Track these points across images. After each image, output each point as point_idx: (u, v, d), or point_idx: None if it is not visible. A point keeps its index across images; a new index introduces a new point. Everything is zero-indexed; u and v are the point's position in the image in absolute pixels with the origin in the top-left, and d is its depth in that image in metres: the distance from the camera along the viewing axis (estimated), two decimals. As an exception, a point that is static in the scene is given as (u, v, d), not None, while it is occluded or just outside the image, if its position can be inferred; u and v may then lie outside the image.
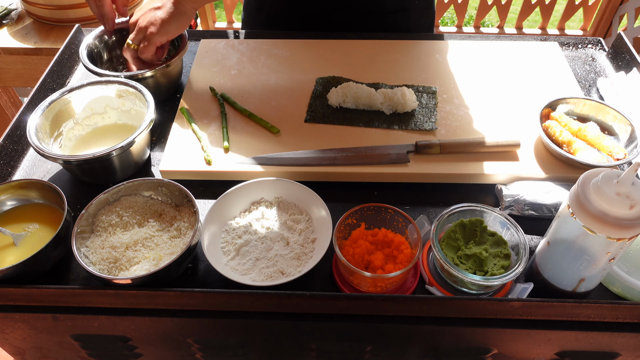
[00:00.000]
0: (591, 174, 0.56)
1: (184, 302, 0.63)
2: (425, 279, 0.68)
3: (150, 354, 0.75)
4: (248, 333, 0.69)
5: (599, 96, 0.94)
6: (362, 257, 0.65)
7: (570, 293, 0.63)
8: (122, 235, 0.69)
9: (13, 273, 0.62)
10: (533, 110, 0.85)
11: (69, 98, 0.82)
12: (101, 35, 0.94)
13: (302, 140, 0.83)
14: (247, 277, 0.65)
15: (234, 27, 2.45)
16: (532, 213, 0.73)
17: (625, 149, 0.78)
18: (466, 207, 0.67)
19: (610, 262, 0.58)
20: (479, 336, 0.66)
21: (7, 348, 0.76)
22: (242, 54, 1.00)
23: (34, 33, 1.54)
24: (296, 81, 0.94)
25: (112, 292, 0.62)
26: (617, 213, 0.52)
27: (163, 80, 0.90)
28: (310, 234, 0.70)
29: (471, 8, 3.02)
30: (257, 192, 0.74)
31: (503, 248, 0.65)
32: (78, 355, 0.77)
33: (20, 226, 0.70)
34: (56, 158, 0.73)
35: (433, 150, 0.79)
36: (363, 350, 0.71)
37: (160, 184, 0.72)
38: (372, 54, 1.00)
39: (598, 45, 1.05)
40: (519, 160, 0.79)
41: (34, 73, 1.56)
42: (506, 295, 0.65)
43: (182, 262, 0.64)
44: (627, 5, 2.14)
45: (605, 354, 0.68)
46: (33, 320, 0.67)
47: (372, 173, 0.78)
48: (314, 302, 0.61)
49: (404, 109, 0.86)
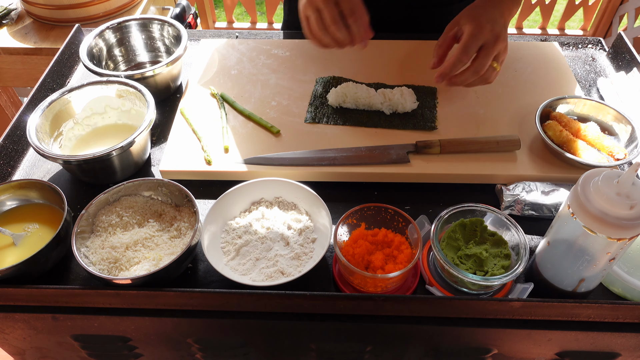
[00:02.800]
0: (591, 174, 0.56)
1: (184, 302, 0.63)
2: (425, 279, 0.68)
3: (150, 354, 0.75)
4: (248, 333, 0.69)
5: (599, 96, 0.94)
6: (362, 257, 0.65)
7: (571, 293, 0.63)
8: (122, 236, 0.69)
9: (13, 273, 0.62)
10: (533, 110, 0.85)
11: (69, 98, 0.82)
12: (101, 35, 0.94)
13: (302, 140, 0.83)
14: (247, 277, 0.65)
15: (234, 27, 2.45)
16: (532, 213, 0.73)
17: (626, 149, 0.78)
18: (466, 207, 0.67)
19: (611, 262, 0.58)
20: (479, 336, 0.66)
21: (7, 348, 0.76)
22: (242, 54, 1.00)
23: (34, 33, 1.54)
24: (296, 81, 0.94)
25: (112, 292, 0.62)
26: (617, 213, 0.52)
27: (163, 80, 0.90)
28: (310, 234, 0.70)
29: (471, 8, 3.01)
30: (257, 192, 0.74)
31: (503, 248, 0.65)
32: (78, 355, 0.77)
33: (20, 226, 0.70)
34: (56, 158, 0.73)
35: (433, 150, 0.79)
36: (363, 350, 0.71)
37: (160, 184, 0.72)
38: (372, 54, 1.00)
39: (598, 45, 1.05)
40: (519, 161, 0.79)
41: (34, 73, 1.56)
42: (506, 295, 0.65)
43: (182, 262, 0.64)
44: (627, 5, 2.14)
45: (605, 354, 0.68)
46: (33, 320, 0.67)
47: (372, 173, 0.78)
48: (314, 302, 0.61)
49: (404, 109, 0.86)
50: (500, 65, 0.81)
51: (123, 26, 0.96)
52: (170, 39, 0.98)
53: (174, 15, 1.84)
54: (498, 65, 0.80)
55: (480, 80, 0.80)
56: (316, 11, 0.78)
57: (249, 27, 2.42)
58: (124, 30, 0.97)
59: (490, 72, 0.80)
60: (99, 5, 1.53)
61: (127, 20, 0.97)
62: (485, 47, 0.77)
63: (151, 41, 1.00)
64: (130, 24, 0.97)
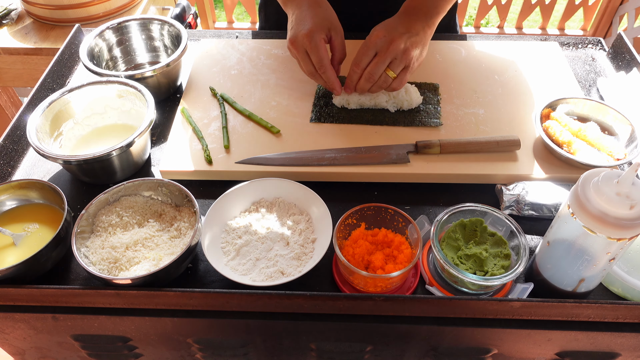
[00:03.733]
0: (591, 174, 0.56)
1: (184, 302, 0.63)
2: (425, 279, 0.68)
3: (150, 354, 0.75)
4: (248, 333, 0.69)
5: (599, 96, 0.94)
6: (362, 257, 0.65)
7: (570, 293, 0.63)
8: (122, 236, 0.69)
9: (13, 273, 0.62)
10: (533, 110, 0.85)
11: (69, 98, 0.82)
12: (101, 35, 0.94)
13: (302, 140, 0.83)
14: (247, 277, 0.65)
15: (234, 27, 2.45)
16: (532, 213, 0.73)
17: (625, 149, 0.78)
18: (466, 207, 0.67)
19: (611, 262, 0.58)
20: (479, 336, 0.66)
21: (7, 348, 0.76)
22: (242, 54, 1.00)
23: (34, 33, 1.54)
24: (296, 81, 0.94)
25: (112, 292, 0.62)
26: (617, 213, 0.52)
27: (163, 80, 0.90)
28: (310, 234, 0.70)
29: (471, 8, 3.02)
30: (257, 192, 0.74)
31: (503, 248, 0.65)
32: (78, 355, 0.77)
33: (20, 226, 0.70)
34: (56, 158, 0.73)
35: (433, 150, 0.79)
36: (363, 350, 0.71)
37: (160, 184, 0.72)
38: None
39: (598, 45, 1.05)
40: (519, 160, 0.79)
41: (34, 73, 1.56)
42: (506, 295, 0.65)
43: (182, 262, 0.64)
44: (627, 5, 2.14)
45: (605, 354, 0.68)
46: (33, 320, 0.67)
47: (372, 173, 0.78)
48: (314, 302, 0.61)
49: (410, 106, 0.86)
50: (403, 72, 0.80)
51: (123, 26, 0.96)
52: (170, 39, 0.98)
53: (174, 15, 1.84)
54: (392, 73, 0.80)
55: (378, 87, 0.82)
56: (297, 60, 0.84)
57: (249, 27, 2.42)
58: (124, 31, 0.97)
59: (385, 79, 0.80)
60: (99, 5, 1.53)
61: (127, 20, 0.97)
62: (378, 55, 0.79)
63: (151, 41, 1.00)
64: (130, 24, 0.97)
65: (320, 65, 0.81)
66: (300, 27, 0.81)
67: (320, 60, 0.80)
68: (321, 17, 0.82)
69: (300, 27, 0.81)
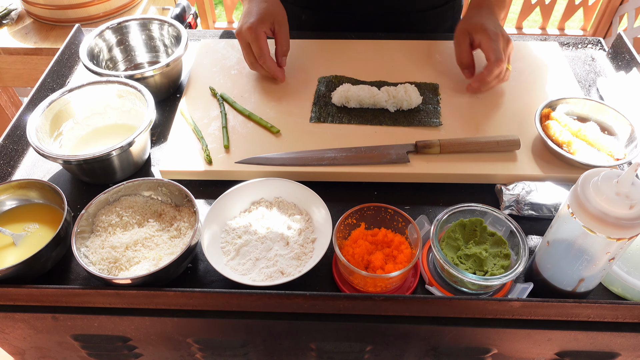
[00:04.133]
0: (591, 174, 0.56)
1: (184, 302, 0.63)
2: (425, 279, 0.68)
3: (150, 354, 0.75)
4: (248, 333, 0.69)
5: (599, 96, 0.94)
6: (362, 257, 0.65)
7: (570, 293, 0.63)
8: (122, 235, 0.69)
9: (13, 273, 0.62)
10: (533, 110, 0.85)
11: (69, 98, 0.82)
12: (101, 35, 0.94)
13: (302, 140, 0.83)
14: (247, 277, 0.65)
15: (234, 27, 2.45)
16: (532, 213, 0.73)
17: (625, 148, 0.78)
18: (466, 207, 0.67)
19: (610, 262, 0.58)
20: (479, 336, 0.66)
21: (7, 348, 0.76)
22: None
23: (34, 33, 1.54)
24: (296, 81, 0.94)
25: (112, 292, 0.62)
26: (617, 213, 0.52)
27: (163, 80, 0.90)
28: (310, 234, 0.70)
29: (471, 8, 3.01)
30: (257, 192, 0.75)
31: (503, 248, 0.65)
32: (78, 355, 0.77)
33: (20, 226, 0.70)
34: (56, 158, 0.73)
35: (433, 150, 0.79)
36: (363, 350, 0.71)
37: (160, 184, 0.72)
38: (371, 54, 1.00)
39: (598, 45, 1.05)
40: (518, 160, 0.79)
41: (34, 73, 1.56)
42: (506, 295, 0.65)
43: (182, 262, 0.64)
44: (627, 5, 2.15)
45: (605, 354, 0.68)
46: (33, 320, 0.67)
47: (372, 173, 0.78)
48: (314, 302, 0.61)
49: (410, 106, 0.87)
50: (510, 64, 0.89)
51: (123, 26, 0.96)
52: (170, 39, 0.98)
53: (174, 16, 1.84)
54: (510, 65, 0.88)
55: (499, 81, 0.89)
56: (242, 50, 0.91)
57: (249, 27, 2.42)
58: (124, 31, 0.97)
59: (507, 73, 0.88)
60: (99, 5, 1.53)
61: (127, 21, 0.97)
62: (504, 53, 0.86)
63: (151, 41, 1.00)
64: (130, 24, 0.97)
65: (260, 55, 0.87)
66: (245, 20, 0.88)
67: (260, 51, 0.87)
68: (266, 11, 0.89)
69: (245, 20, 0.88)
